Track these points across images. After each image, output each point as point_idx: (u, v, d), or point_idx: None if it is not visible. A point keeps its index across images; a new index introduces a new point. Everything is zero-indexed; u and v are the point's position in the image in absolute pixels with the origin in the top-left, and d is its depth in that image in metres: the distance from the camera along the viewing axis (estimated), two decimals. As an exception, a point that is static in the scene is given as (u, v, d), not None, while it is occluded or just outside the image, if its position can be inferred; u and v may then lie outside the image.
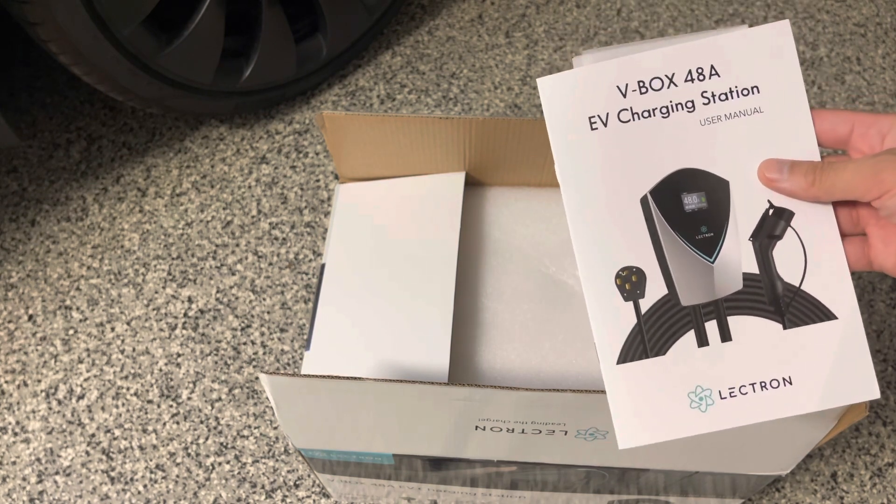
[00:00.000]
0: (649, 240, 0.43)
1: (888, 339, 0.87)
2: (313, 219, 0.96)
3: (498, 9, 1.17)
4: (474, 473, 0.62)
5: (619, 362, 0.43)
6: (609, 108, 0.43)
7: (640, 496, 0.66)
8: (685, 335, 0.43)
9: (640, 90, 0.43)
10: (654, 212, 0.43)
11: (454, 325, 0.58)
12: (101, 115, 1.06)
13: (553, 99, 0.43)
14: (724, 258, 0.43)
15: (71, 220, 0.98)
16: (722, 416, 0.42)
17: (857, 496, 0.79)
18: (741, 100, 0.43)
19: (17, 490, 0.80)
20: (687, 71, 0.43)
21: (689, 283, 0.43)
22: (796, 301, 0.42)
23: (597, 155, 0.43)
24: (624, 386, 0.42)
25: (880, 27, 1.14)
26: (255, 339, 0.88)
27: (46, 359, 0.88)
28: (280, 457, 0.81)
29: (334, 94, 1.08)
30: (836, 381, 0.42)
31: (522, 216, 0.65)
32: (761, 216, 0.43)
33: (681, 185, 0.43)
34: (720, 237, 0.43)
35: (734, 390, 0.42)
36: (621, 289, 0.43)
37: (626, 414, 0.42)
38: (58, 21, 0.75)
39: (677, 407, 0.42)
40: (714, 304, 0.43)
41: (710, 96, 0.43)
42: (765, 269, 0.43)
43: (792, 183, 0.41)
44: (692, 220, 0.43)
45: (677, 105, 0.43)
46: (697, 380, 0.42)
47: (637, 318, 0.43)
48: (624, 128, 0.43)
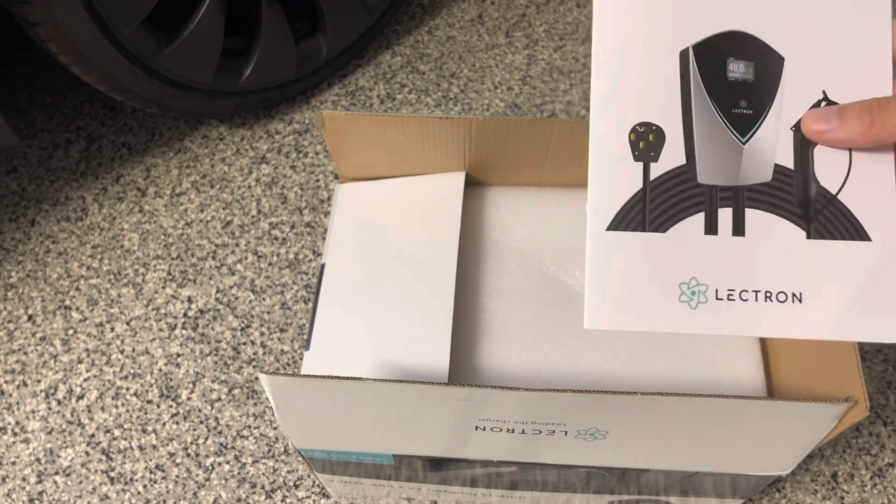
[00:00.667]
0: (679, 99, 0.37)
1: (888, 339, 0.87)
2: (313, 219, 0.96)
3: (498, 9, 1.17)
4: (474, 474, 0.62)
5: (610, 228, 0.37)
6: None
7: (640, 496, 0.66)
8: (693, 217, 0.37)
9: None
10: (693, 69, 0.37)
11: (454, 325, 0.58)
12: (101, 115, 1.06)
13: None
14: (758, 142, 0.37)
15: (71, 220, 0.97)
16: (711, 319, 0.37)
17: (857, 496, 0.78)
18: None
19: (17, 490, 0.80)
20: None
21: (712, 159, 0.37)
22: (828, 210, 0.37)
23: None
24: (609, 257, 0.37)
25: (880, 27, 1.14)
26: (255, 339, 0.88)
27: (46, 359, 0.88)
28: (280, 457, 0.81)
29: (334, 94, 1.08)
30: (853, 311, 0.36)
31: (522, 216, 0.65)
32: (812, 105, 0.37)
33: (729, 49, 0.37)
34: (760, 117, 0.37)
35: (733, 293, 0.37)
36: (634, 146, 0.37)
37: (603, 290, 0.37)
38: (58, 21, 0.75)
39: (664, 296, 0.37)
40: (734, 191, 0.37)
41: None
42: (801, 165, 0.37)
43: (846, 130, 0.36)
44: (733, 90, 0.37)
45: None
46: (694, 270, 0.37)
47: (643, 183, 0.37)
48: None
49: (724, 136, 0.37)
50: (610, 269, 0.37)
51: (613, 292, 0.37)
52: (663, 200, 0.37)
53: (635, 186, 0.37)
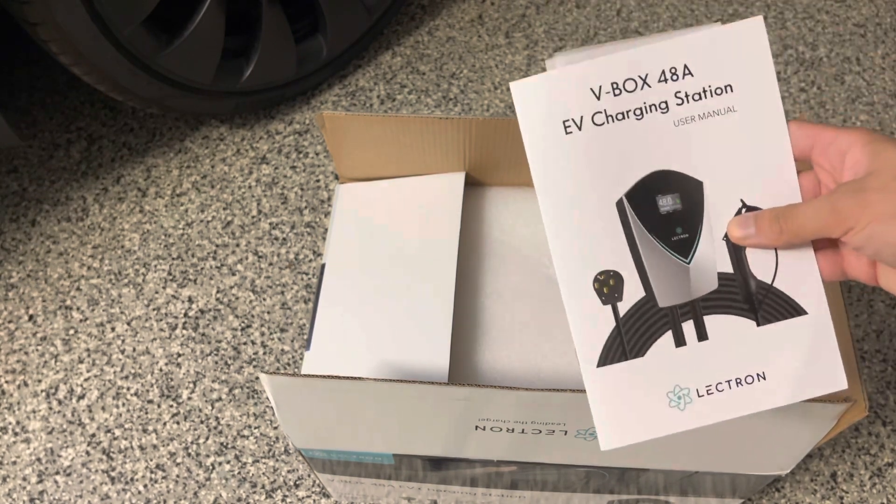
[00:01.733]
0: (626, 243, 0.43)
1: (888, 338, 0.87)
2: (313, 219, 0.96)
3: (498, 9, 1.17)
4: (474, 473, 0.62)
5: (600, 365, 0.43)
6: (583, 111, 0.43)
7: (640, 496, 0.66)
8: (663, 336, 0.43)
9: (613, 92, 0.43)
10: (630, 215, 0.43)
11: (454, 325, 0.58)
12: (102, 115, 1.06)
13: (527, 103, 0.43)
14: (700, 259, 0.43)
15: (71, 220, 0.98)
16: (700, 414, 0.43)
17: (856, 496, 0.79)
18: (715, 99, 0.43)
19: (18, 490, 0.80)
20: (660, 71, 0.43)
21: (665, 284, 0.43)
22: (769, 298, 0.43)
23: (572, 159, 0.43)
24: (604, 389, 0.43)
25: (880, 27, 1.14)
26: (255, 339, 0.88)
27: (47, 359, 0.88)
28: (280, 457, 0.81)
29: (334, 94, 1.08)
30: (806, 374, 0.43)
31: (522, 216, 0.65)
32: (734, 215, 0.43)
33: (656, 187, 0.43)
34: (695, 238, 0.43)
35: (711, 388, 0.43)
36: (599, 292, 0.43)
37: (608, 416, 0.43)
38: (58, 21, 0.75)
39: (657, 407, 0.43)
40: (691, 305, 0.43)
41: (684, 96, 0.43)
42: (739, 268, 0.43)
43: (762, 237, 0.41)
44: (667, 221, 0.43)
45: (651, 106, 0.43)
46: (676, 379, 0.43)
47: (616, 321, 0.43)
48: (598, 131, 0.43)
49: (671, 262, 0.43)
50: (609, 397, 0.43)
51: (617, 416, 0.43)
52: (636, 330, 0.43)
53: (610, 326, 0.43)
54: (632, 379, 0.43)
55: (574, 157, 0.43)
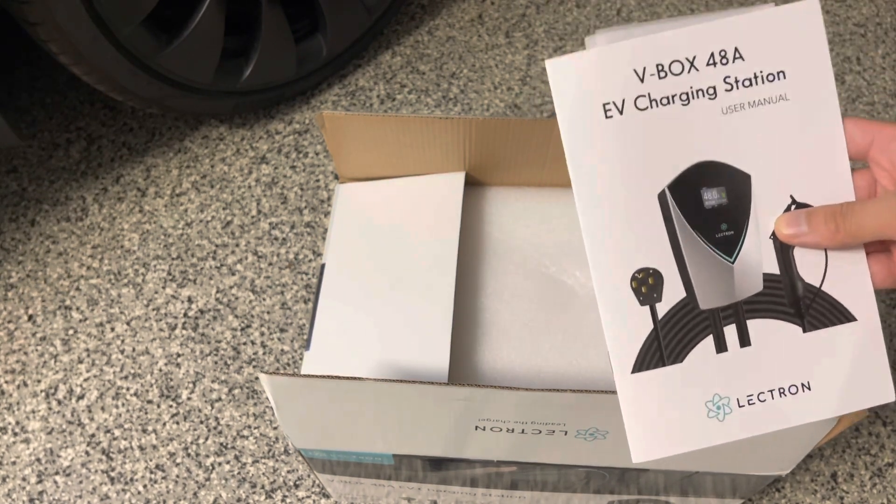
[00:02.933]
0: (667, 239, 0.40)
1: (888, 339, 0.87)
2: (313, 219, 0.96)
3: (498, 9, 1.17)
4: (474, 473, 0.62)
5: (635, 371, 0.40)
6: (625, 93, 0.39)
7: (640, 496, 0.66)
8: (703, 341, 0.40)
9: (658, 74, 0.39)
10: (673, 209, 0.40)
11: (454, 325, 0.58)
12: (101, 115, 1.06)
13: (563, 83, 0.39)
14: (745, 258, 0.40)
15: (71, 220, 0.98)
16: (740, 425, 0.40)
17: (857, 496, 0.79)
18: (766, 86, 0.40)
19: (17, 490, 0.80)
20: (709, 53, 0.39)
21: (708, 285, 0.40)
22: (817, 303, 0.40)
23: (611, 146, 0.40)
24: (639, 396, 0.40)
25: (880, 27, 1.14)
26: (255, 339, 0.88)
27: (46, 359, 0.88)
28: (280, 457, 0.81)
29: (334, 94, 1.08)
30: (852, 384, 0.40)
31: (522, 216, 0.65)
32: (783, 211, 0.40)
33: (700, 179, 0.40)
34: (741, 235, 0.40)
35: (752, 398, 0.40)
36: (637, 292, 0.40)
37: (641, 426, 0.40)
38: (58, 21, 0.75)
39: (694, 417, 0.40)
40: (733, 308, 0.40)
41: (734, 82, 0.40)
42: (786, 269, 0.40)
43: (815, 235, 0.39)
44: (712, 216, 0.40)
45: (698, 91, 0.40)
46: (715, 388, 0.40)
47: (654, 324, 0.40)
48: (641, 116, 0.39)
49: (714, 261, 0.40)
50: (642, 406, 0.40)
51: (650, 426, 0.40)
52: (675, 334, 0.40)
53: (647, 328, 0.40)
54: (669, 386, 0.40)
55: (614, 144, 0.40)
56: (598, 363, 0.58)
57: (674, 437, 0.40)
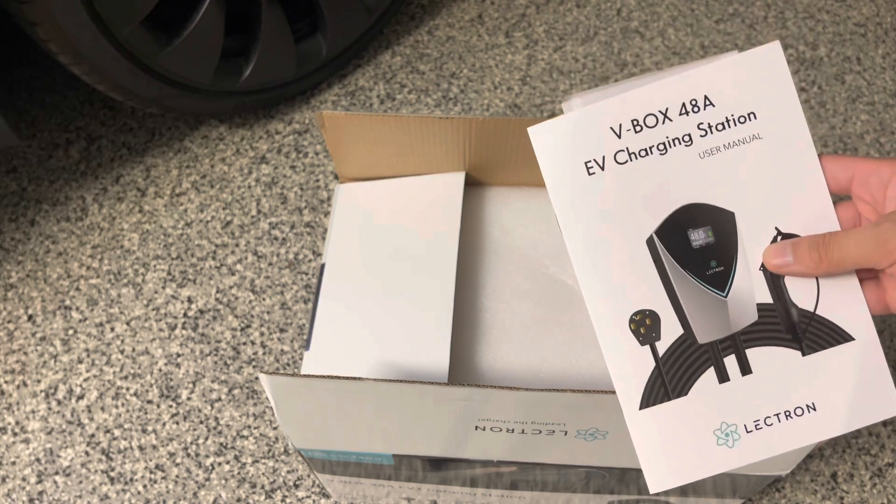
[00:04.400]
0: (660, 281, 0.42)
1: (888, 339, 0.87)
2: (313, 219, 0.96)
3: (498, 9, 1.17)
4: (474, 473, 0.62)
5: (643, 407, 0.42)
6: (605, 150, 0.42)
7: (640, 496, 0.66)
8: (705, 373, 0.42)
9: (634, 129, 0.42)
10: (662, 252, 0.42)
11: (454, 325, 0.58)
12: (101, 115, 1.06)
13: (546, 147, 0.42)
14: (737, 291, 0.42)
15: (70, 220, 0.97)
16: (750, 450, 0.42)
17: (857, 496, 0.78)
18: (739, 128, 0.42)
19: (17, 490, 0.80)
20: (680, 104, 0.42)
21: (704, 320, 0.42)
22: (812, 326, 0.42)
23: (597, 200, 0.42)
24: (649, 431, 0.42)
25: (880, 27, 1.14)
26: (255, 339, 0.88)
27: (46, 359, 0.87)
28: (280, 457, 0.81)
29: (334, 94, 1.08)
30: (858, 401, 0.42)
31: (522, 216, 0.65)
32: (770, 244, 0.42)
33: (686, 222, 0.42)
34: (731, 270, 0.42)
35: (759, 423, 0.42)
36: (636, 333, 0.42)
37: (654, 458, 0.42)
38: (57, 21, 0.75)
39: (705, 446, 0.42)
40: (731, 339, 0.42)
41: (707, 127, 0.42)
42: (778, 297, 0.42)
43: (800, 265, 0.40)
44: (701, 255, 0.42)
45: (674, 140, 0.42)
46: (722, 416, 0.42)
47: (655, 362, 0.42)
48: (622, 169, 0.42)
49: (708, 297, 0.42)
50: (653, 439, 0.42)
51: (663, 458, 0.42)
52: (677, 368, 0.42)
53: (650, 366, 0.42)
54: (677, 419, 0.42)
55: (599, 198, 0.42)
56: (598, 363, 0.58)
57: (687, 466, 0.42)
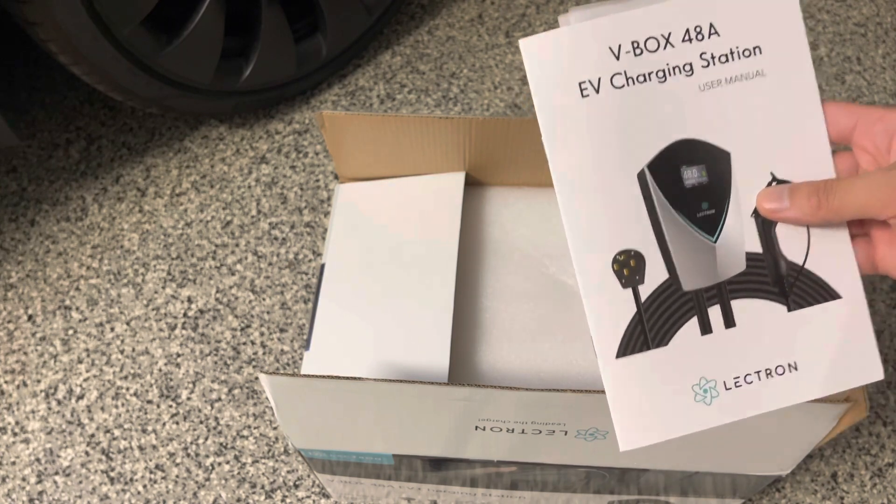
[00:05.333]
0: (648, 220, 0.39)
1: (888, 339, 0.87)
2: (313, 219, 0.96)
3: (498, 9, 1.17)
4: (474, 474, 0.62)
5: (619, 356, 0.39)
6: (601, 71, 0.39)
7: (640, 496, 0.66)
8: (688, 323, 0.40)
9: (634, 51, 0.39)
10: (653, 188, 0.39)
11: (454, 325, 0.58)
12: (101, 115, 1.06)
13: (538, 63, 0.39)
14: (727, 237, 0.40)
15: (70, 220, 0.97)
16: (728, 409, 0.39)
17: (857, 496, 0.78)
18: (742, 61, 0.39)
19: (17, 490, 0.80)
20: (684, 30, 0.39)
21: (690, 265, 0.40)
22: (800, 281, 0.40)
23: (588, 125, 0.39)
24: (625, 382, 0.39)
25: (880, 27, 1.14)
26: (255, 339, 0.88)
27: (46, 359, 0.87)
28: (280, 457, 0.81)
29: (334, 94, 1.08)
30: (840, 363, 0.40)
31: (522, 216, 0.65)
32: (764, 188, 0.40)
33: (680, 158, 0.39)
34: (722, 214, 0.40)
35: (739, 380, 0.40)
36: (619, 274, 0.39)
37: (628, 413, 0.39)
38: (57, 21, 0.75)
39: (682, 401, 0.39)
40: (717, 288, 0.40)
41: (710, 58, 0.39)
42: (768, 247, 0.40)
43: (796, 210, 0.38)
44: (692, 195, 0.40)
45: (675, 68, 0.39)
46: (702, 371, 0.39)
47: (637, 307, 0.39)
48: (617, 94, 0.39)
49: (696, 241, 0.40)
50: (628, 391, 0.39)
51: (637, 412, 0.39)
52: (658, 316, 0.40)
53: (630, 311, 0.39)
54: (655, 371, 0.39)
55: (591, 123, 0.39)
56: (598, 363, 0.58)
57: (662, 423, 0.40)
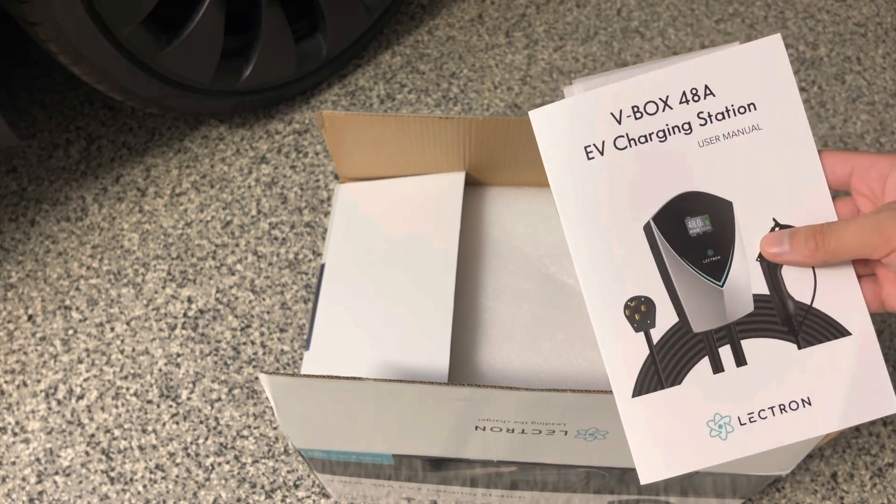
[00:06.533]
0: (656, 268, 0.42)
1: (888, 339, 0.87)
2: (313, 219, 0.96)
3: (498, 9, 1.17)
4: (474, 474, 0.62)
5: (635, 395, 0.42)
6: (605, 135, 0.42)
7: (640, 496, 0.66)
8: (700, 362, 0.42)
9: (634, 115, 0.42)
10: (659, 238, 0.42)
11: (454, 325, 0.58)
12: (101, 115, 1.06)
13: (546, 131, 0.43)
14: (733, 281, 0.42)
15: (70, 220, 0.97)
16: (743, 443, 0.41)
17: (857, 496, 0.78)
18: (738, 118, 0.42)
19: (17, 490, 0.80)
20: (681, 92, 0.42)
21: (699, 308, 0.42)
22: (809, 320, 0.42)
23: (595, 184, 0.42)
24: (641, 419, 0.42)
25: (880, 27, 1.14)
26: (255, 339, 0.88)
27: (46, 359, 0.87)
28: (280, 457, 0.81)
29: (334, 94, 1.08)
30: (854, 397, 0.41)
31: (522, 216, 0.65)
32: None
33: (684, 210, 0.42)
34: (727, 260, 0.42)
35: (753, 415, 0.41)
36: (631, 319, 0.42)
37: (646, 448, 0.42)
38: (57, 21, 0.75)
39: (697, 437, 0.41)
40: (727, 329, 0.42)
41: (707, 116, 0.42)
42: (775, 289, 0.42)
43: (795, 253, 0.40)
44: (698, 244, 0.42)
45: (674, 128, 0.42)
46: (716, 407, 0.42)
47: (649, 349, 0.42)
48: (621, 155, 0.42)
49: (704, 286, 0.42)
50: (645, 428, 0.42)
51: (656, 448, 0.42)
52: (671, 357, 0.42)
53: (644, 353, 0.42)
54: (670, 408, 0.42)
55: (598, 183, 0.42)
56: (598, 363, 0.58)
57: (679, 457, 0.41)
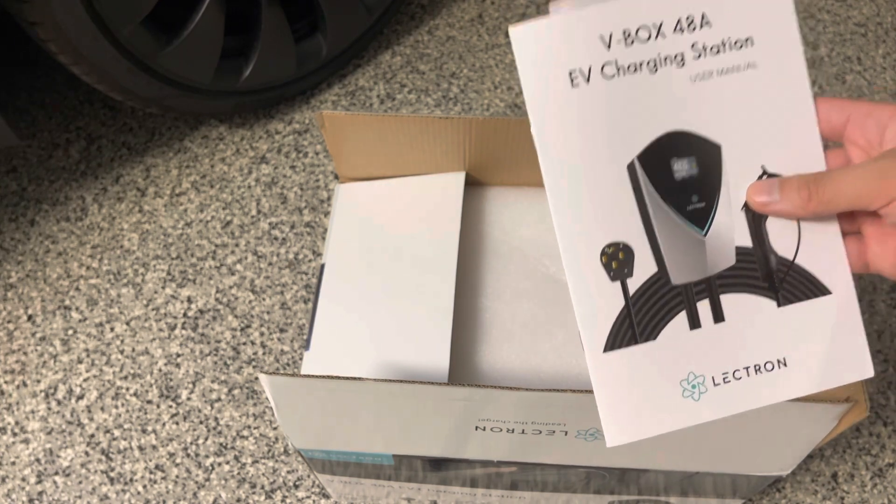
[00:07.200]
0: (637, 212, 0.39)
1: (889, 339, 0.87)
2: (313, 219, 0.96)
3: (498, 8, 1.17)
4: (474, 474, 0.61)
5: (607, 350, 0.39)
6: (592, 60, 0.38)
7: (640, 496, 0.66)
8: (676, 317, 0.39)
9: (625, 41, 0.38)
10: (643, 180, 0.39)
11: (454, 325, 0.58)
12: (101, 115, 1.06)
13: (528, 51, 0.38)
14: (716, 231, 0.39)
15: (70, 219, 0.97)
16: (716, 405, 0.39)
17: (857, 496, 0.78)
18: (734, 53, 0.39)
19: (17, 490, 0.80)
20: (676, 19, 0.38)
21: (679, 259, 0.39)
22: (790, 276, 0.39)
23: (578, 115, 0.38)
24: (612, 376, 0.39)
25: (881, 27, 1.14)
26: (255, 339, 0.88)
27: (46, 359, 0.87)
28: (280, 457, 0.81)
29: (334, 94, 1.08)
30: (830, 360, 0.39)
31: (522, 216, 0.65)
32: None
33: (670, 150, 0.39)
34: (712, 207, 0.39)
35: (728, 375, 0.39)
36: (607, 267, 0.39)
37: (615, 408, 0.39)
38: (57, 20, 0.75)
39: (669, 397, 0.39)
40: (706, 283, 0.39)
41: (702, 49, 0.39)
42: (758, 242, 0.40)
43: (786, 203, 0.38)
44: (682, 188, 0.39)
45: (666, 58, 0.39)
46: (690, 366, 0.39)
47: (625, 300, 0.39)
48: (608, 84, 0.38)
49: (686, 234, 0.39)
50: (616, 386, 0.39)
51: (625, 407, 0.39)
52: (647, 310, 0.39)
53: (619, 305, 0.39)
54: (642, 365, 0.39)
55: (581, 113, 0.38)
56: (598, 363, 0.58)
57: (649, 418, 0.39)
